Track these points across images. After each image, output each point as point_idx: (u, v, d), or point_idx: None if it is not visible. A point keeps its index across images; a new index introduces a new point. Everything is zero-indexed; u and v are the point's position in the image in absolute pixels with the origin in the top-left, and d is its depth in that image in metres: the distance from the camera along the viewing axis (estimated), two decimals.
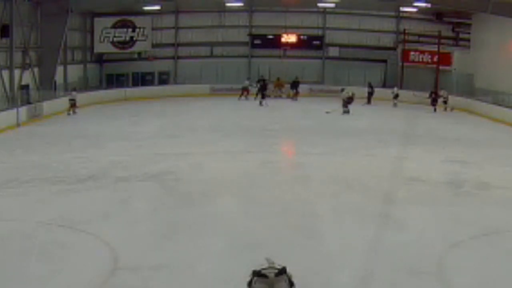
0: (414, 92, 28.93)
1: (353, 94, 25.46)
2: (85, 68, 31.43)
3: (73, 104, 24.08)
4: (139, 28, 32.97)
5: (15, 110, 20.84)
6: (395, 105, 28.41)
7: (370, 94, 29.55)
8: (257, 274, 3.57)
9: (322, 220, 10.10)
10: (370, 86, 29.89)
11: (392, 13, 32.95)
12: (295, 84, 31.00)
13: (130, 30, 32.79)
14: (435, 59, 31.09)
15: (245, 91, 29.65)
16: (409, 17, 32.75)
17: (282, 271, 3.63)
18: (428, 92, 27.70)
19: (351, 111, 24.78)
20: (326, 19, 33.82)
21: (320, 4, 31.73)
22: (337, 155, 16.21)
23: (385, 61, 33.50)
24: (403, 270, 7.78)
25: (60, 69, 27.88)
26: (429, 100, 27.22)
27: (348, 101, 25.24)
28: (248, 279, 3.69)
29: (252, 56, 34.31)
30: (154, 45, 33.56)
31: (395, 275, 7.64)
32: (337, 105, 25.28)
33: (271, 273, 3.61)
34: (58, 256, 8.13)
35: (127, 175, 13.16)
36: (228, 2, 31.34)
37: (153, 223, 9.89)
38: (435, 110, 26.67)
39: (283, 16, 33.62)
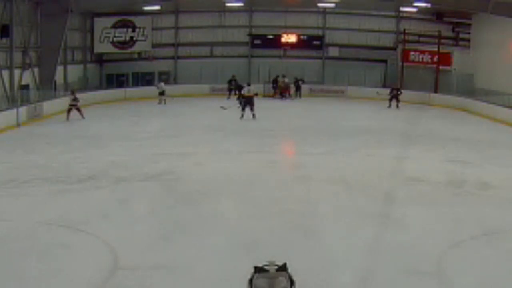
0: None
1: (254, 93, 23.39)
2: (85, 68, 31.43)
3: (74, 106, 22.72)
4: (139, 28, 32.97)
5: (15, 110, 20.83)
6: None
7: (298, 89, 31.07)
8: (258, 270, 3.60)
9: (322, 220, 10.10)
10: (299, 80, 31.31)
11: (392, 13, 32.96)
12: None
13: (130, 30, 32.79)
14: (435, 59, 31.07)
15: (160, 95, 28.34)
16: (409, 17, 32.76)
17: (283, 267, 3.67)
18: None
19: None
20: (326, 19, 33.82)
21: (320, 4, 31.73)
22: (337, 155, 16.21)
23: (385, 61, 33.51)
24: (403, 270, 7.78)
25: (60, 69, 27.88)
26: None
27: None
28: (249, 276, 3.71)
29: (252, 56, 34.32)
30: (154, 45, 33.56)
31: (395, 275, 7.64)
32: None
33: (272, 269, 3.65)
34: (58, 256, 8.13)
35: (127, 175, 13.15)
36: (228, 2, 31.35)
37: (153, 223, 9.89)
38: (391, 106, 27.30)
39: (283, 16, 33.62)
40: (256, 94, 23.38)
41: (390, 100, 27.53)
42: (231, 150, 16.60)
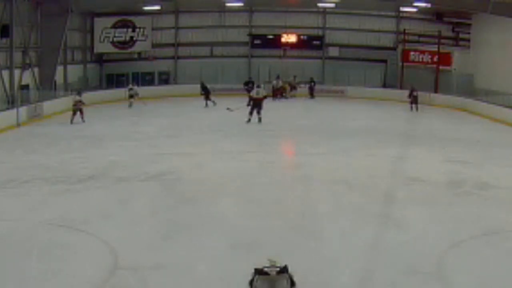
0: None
1: (263, 96, 22.03)
2: (85, 68, 31.43)
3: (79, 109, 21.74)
4: (139, 28, 32.98)
5: (15, 110, 20.83)
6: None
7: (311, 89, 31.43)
8: (259, 272, 3.60)
9: (322, 220, 10.10)
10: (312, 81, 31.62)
11: (392, 13, 32.96)
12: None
13: (130, 30, 32.80)
14: (435, 59, 31.08)
15: (131, 98, 27.02)
16: (409, 17, 32.77)
17: (284, 270, 3.66)
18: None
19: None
20: (326, 19, 33.83)
21: (320, 4, 31.73)
22: (337, 155, 16.20)
23: (385, 61, 33.51)
24: (403, 270, 7.78)
25: (60, 69, 27.88)
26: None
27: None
28: (250, 277, 3.71)
29: (252, 56, 34.32)
30: (154, 45, 33.57)
31: (395, 275, 7.64)
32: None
33: (272, 271, 3.64)
34: (58, 256, 8.13)
35: (127, 175, 13.15)
36: (228, 2, 31.35)
37: (153, 223, 9.89)
38: (411, 109, 26.39)
39: (283, 16, 33.63)
40: (265, 97, 22.36)
41: (415, 103, 26.39)
42: (231, 150, 16.60)
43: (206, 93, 27.39)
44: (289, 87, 31.51)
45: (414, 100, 26.44)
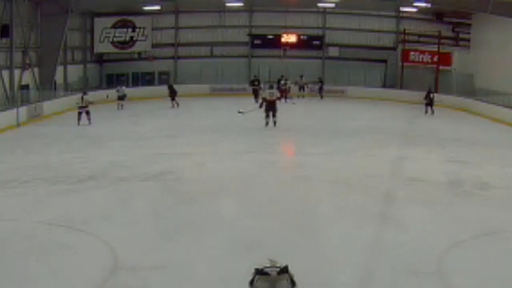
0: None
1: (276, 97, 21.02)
2: (85, 68, 31.45)
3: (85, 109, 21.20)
4: (139, 28, 33.00)
5: (15, 110, 20.84)
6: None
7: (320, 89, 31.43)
8: (259, 272, 3.59)
9: (322, 220, 10.10)
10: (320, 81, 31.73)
11: (392, 13, 32.98)
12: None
13: (130, 30, 32.83)
14: (435, 59, 31.11)
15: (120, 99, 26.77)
16: (409, 17, 32.78)
17: (284, 270, 3.66)
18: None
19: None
20: (326, 19, 33.85)
21: (320, 4, 31.75)
22: (337, 155, 16.20)
23: (385, 61, 33.52)
24: (403, 270, 7.78)
25: (60, 69, 27.90)
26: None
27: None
28: (250, 278, 3.70)
29: (252, 56, 34.33)
30: (154, 45, 33.59)
31: (395, 275, 7.64)
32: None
33: (273, 271, 3.64)
34: (58, 256, 8.12)
35: (127, 175, 13.15)
36: (228, 2, 31.37)
37: (153, 223, 9.89)
38: (426, 111, 25.44)
39: (283, 16, 33.65)
40: (279, 98, 21.51)
41: (427, 105, 25.31)
42: (231, 150, 16.59)
43: (172, 94, 27.25)
44: (297, 87, 31.37)
45: (430, 102, 25.31)
